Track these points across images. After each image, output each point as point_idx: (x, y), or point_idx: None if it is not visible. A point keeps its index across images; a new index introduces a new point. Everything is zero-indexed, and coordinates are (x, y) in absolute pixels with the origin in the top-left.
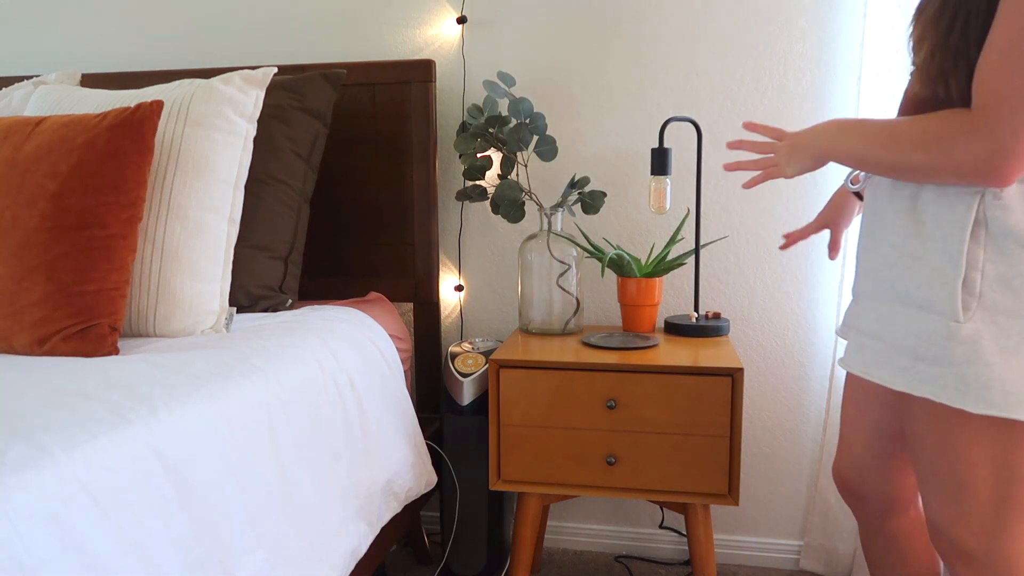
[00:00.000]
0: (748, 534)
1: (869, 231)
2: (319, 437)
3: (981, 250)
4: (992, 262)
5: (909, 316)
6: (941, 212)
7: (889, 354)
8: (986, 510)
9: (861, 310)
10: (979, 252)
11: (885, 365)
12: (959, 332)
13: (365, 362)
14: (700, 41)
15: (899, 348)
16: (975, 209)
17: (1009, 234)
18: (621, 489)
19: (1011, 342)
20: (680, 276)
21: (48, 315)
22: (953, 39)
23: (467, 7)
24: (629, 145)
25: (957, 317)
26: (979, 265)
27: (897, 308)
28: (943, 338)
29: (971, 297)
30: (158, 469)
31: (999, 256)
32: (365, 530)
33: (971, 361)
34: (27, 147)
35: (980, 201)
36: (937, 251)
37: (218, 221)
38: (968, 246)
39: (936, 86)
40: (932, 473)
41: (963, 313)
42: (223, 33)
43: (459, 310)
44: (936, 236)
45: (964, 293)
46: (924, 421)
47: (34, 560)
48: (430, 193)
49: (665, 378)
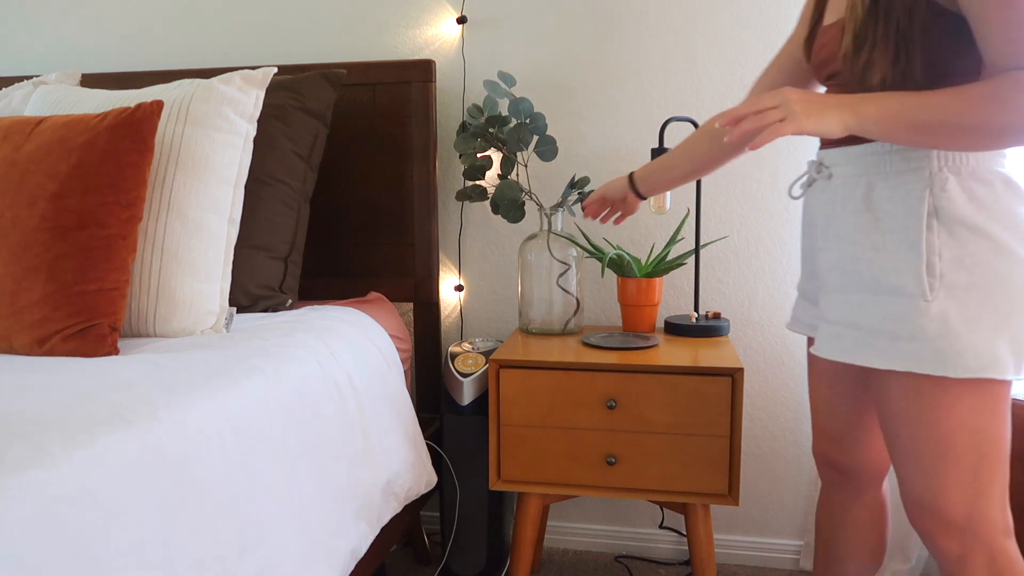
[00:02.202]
0: (748, 534)
1: (824, 233)
2: (319, 437)
3: (936, 237)
4: (947, 246)
5: (881, 302)
6: (896, 207)
7: (868, 338)
8: (966, 478)
9: (831, 303)
10: (935, 239)
11: (865, 349)
12: (929, 310)
13: (365, 362)
14: (700, 41)
15: (877, 332)
16: (927, 202)
17: (957, 220)
18: (621, 489)
19: (971, 313)
20: (680, 276)
21: (48, 315)
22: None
23: (467, 7)
24: (629, 145)
25: (926, 297)
26: (937, 250)
27: (868, 297)
28: (916, 317)
29: (934, 279)
30: (158, 469)
31: (951, 240)
32: (365, 530)
33: (943, 335)
34: (27, 147)
35: (929, 194)
36: (899, 242)
37: (218, 221)
38: (925, 235)
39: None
40: (913, 449)
41: (930, 293)
42: (223, 33)
43: (459, 310)
44: (896, 229)
45: (928, 276)
46: (903, 398)
47: (34, 560)
48: (430, 193)
49: (665, 378)
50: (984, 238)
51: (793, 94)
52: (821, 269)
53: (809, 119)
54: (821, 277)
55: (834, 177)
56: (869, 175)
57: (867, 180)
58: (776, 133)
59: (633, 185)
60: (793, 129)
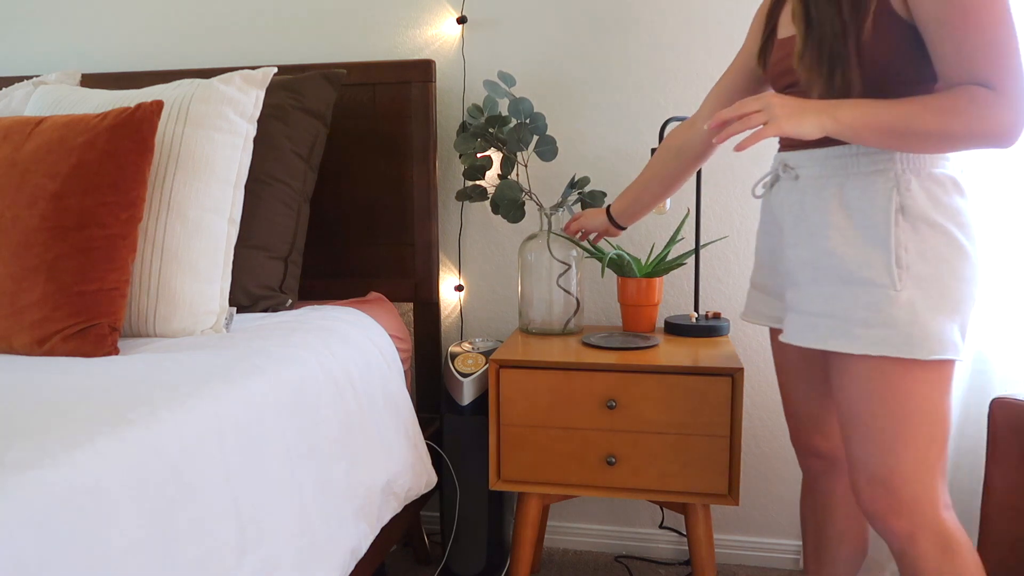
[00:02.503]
0: (748, 534)
1: (793, 231)
2: (319, 437)
3: (903, 232)
4: (911, 241)
5: (855, 292)
6: (866, 206)
7: (842, 326)
8: (919, 455)
9: (804, 295)
10: (902, 234)
11: (841, 336)
12: (898, 299)
13: (365, 362)
14: (700, 41)
15: (850, 320)
16: (894, 200)
17: (919, 217)
18: (621, 489)
19: (932, 301)
20: (680, 276)
21: (48, 315)
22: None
23: (467, 7)
24: (629, 145)
25: (895, 287)
26: (904, 244)
27: (842, 288)
28: (887, 305)
29: (902, 270)
30: (158, 469)
31: (915, 235)
32: (365, 530)
33: (912, 321)
34: (27, 147)
35: (896, 193)
36: (870, 237)
37: (218, 221)
38: (894, 230)
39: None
40: (871, 428)
41: (899, 283)
42: (223, 33)
43: (459, 310)
44: (867, 225)
45: (897, 267)
46: (868, 380)
47: (34, 560)
48: (430, 193)
49: (665, 378)
50: (940, 233)
51: (775, 99)
52: (790, 265)
53: (789, 121)
54: (790, 272)
55: (800, 178)
56: (839, 176)
57: (838, 181)
58: (760, 136)
59: (612, 219)
60: (775, 131)
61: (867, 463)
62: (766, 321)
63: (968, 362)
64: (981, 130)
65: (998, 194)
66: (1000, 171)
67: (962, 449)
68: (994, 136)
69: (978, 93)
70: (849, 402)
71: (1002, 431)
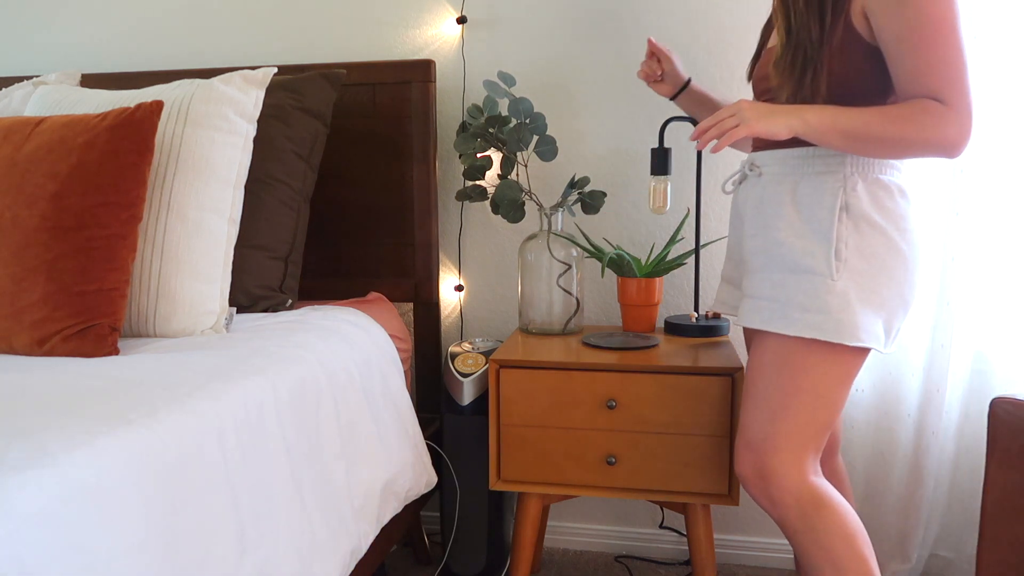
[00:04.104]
0: (748, 534)
1: (752, 223)
2: (319, 437)
3: (844, 228)
4: (852, 237)
5: (798, 280)
6: (815, 203)
7: (783, 309)
8: (796, 428)
9: (754, 281)
10: (843, 230)
11: (781, 318)
12: (834, 288)
13: (365, 362)
14: (700, 41)
15: (790, 304)
16: (840, 199)
17: (861, 216)
18: (621, 489)
19: (864, 294)
20: (680, 276)
21: (48, 315)
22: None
23: (467, 7)
24: (629, 145)
25: (832, 277)
26: (844, 239)
27: (788, 275)
28: (824, 293)
29: (840, 262)
30: (158, 469)
31: (855, 232)
32: (365, 530)
33: (843, 309)
34: (27, 147)
35: (843, 193)
36: (816, 231)
37: (218, 221)
38: (836, 226)
39: None
40: (761, 396)
41: (836, 274)
42: (223, 33)
43: (459, 310)
44: (813, 219)
45: (835, 260)
46: (772, 353)
47: (34, 560)
48: (430, 193)
49: (665, 378)
50: (880, 233)
51: (746, 103)
52: (747, 254)
53: (759, 122)
54: (746, 260)
55: (763, 175)
56: (795, 174)
57: (793, 179)
58: (733, 136)
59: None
60: (745, 131)
61: (749, 427)
62: (731, 311)
63: (968, 362)
64: (931, 139)
65: (998, 194)
66: (1000, 171)
67: (962, 449)
68: (942, 146)
69: (930, 106)
70: (751, 371)
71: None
